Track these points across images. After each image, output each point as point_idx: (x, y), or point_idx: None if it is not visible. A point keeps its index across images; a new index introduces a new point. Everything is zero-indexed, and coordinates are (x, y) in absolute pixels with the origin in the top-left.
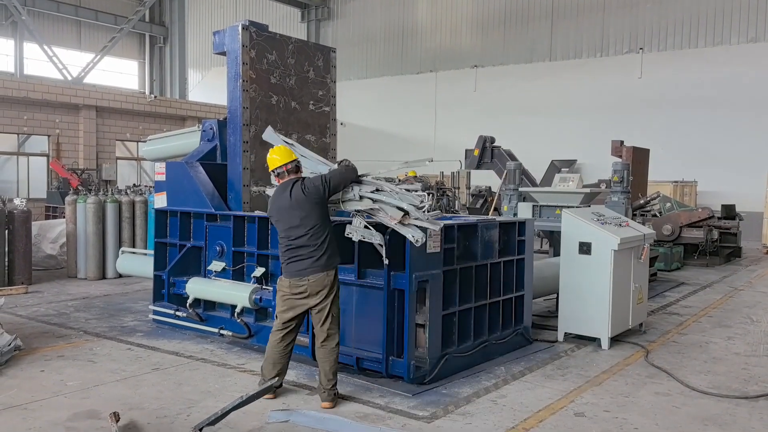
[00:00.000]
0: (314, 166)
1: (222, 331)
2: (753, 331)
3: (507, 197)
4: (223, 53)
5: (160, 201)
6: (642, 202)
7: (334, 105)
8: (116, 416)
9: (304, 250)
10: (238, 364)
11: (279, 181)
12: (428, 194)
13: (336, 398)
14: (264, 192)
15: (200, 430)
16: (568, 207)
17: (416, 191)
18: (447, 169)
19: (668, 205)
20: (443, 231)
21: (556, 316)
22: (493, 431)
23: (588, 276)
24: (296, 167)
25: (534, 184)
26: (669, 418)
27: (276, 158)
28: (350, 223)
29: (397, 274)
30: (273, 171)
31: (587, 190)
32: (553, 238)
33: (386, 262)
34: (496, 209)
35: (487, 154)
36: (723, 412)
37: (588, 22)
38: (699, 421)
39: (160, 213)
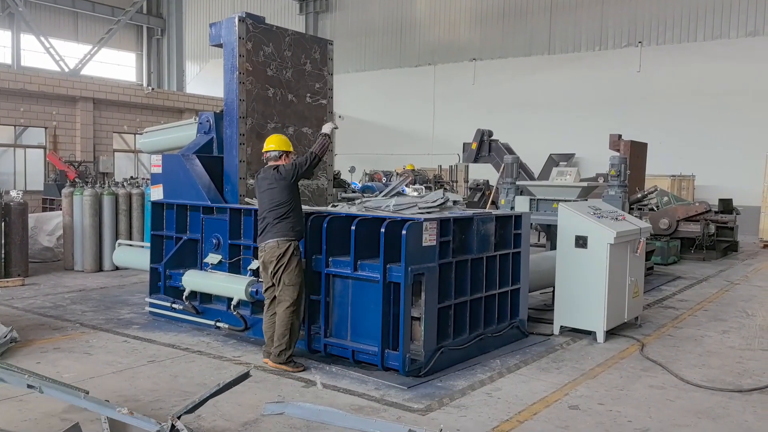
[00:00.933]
0: None
1: (218, 324)
2: (748, 324)
3: (504, 191)
4: (220, 45)
5: (156, 193)
6: (639, 196)
7: (331, 98)
8: None
9: (264, 223)
10: (234, 357)
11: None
12: (425, 188)
13: (280, 361)
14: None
15: (178, 418)
16: (565, 201)
17: None
18: (445, 162)
19: (665, 199)
20: (439, 224)
21: (552, 310)
22: (487, 424)
23: (584, 270)
24: (276, 156)
25: (531, 178)
26: (663, 411)
27: (270, 145)
28: None
29: (393, 267)
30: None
31: (584, 183)
32: (550, 231)
33: None
34: (493, 203)
35: (484, 147)
36: (716, 405)
37: (587, 15)
38: (692, 414)
39: (157, 205)
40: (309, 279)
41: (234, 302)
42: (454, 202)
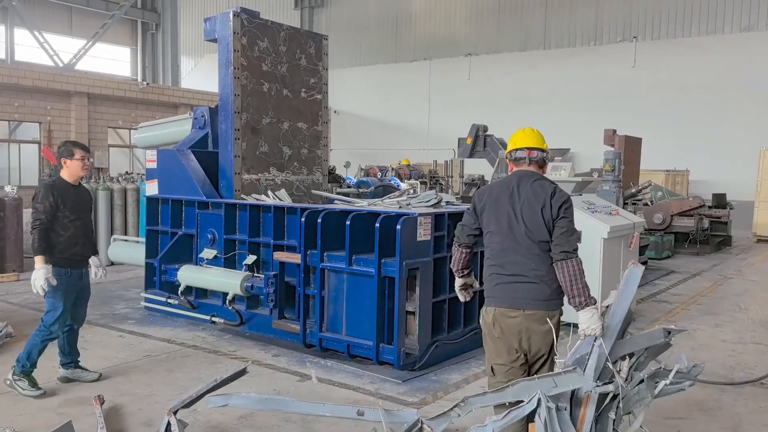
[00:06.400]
0: None
1: (214, 319)
2: (741, 318)
3: None
4: (214, 40)
5: (151, 189)
6: (633, 190)
7: (326, 92)
8: (101, 399)
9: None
10: (230, 351)
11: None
12: (420, 183)
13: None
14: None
15: (175, 413)
16: None
17: None
18: (440, 157)
19: (659, 193)
20: (434, 219)
21: None
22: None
23: None
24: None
25: None
26: (655, 404)
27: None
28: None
29: (388, 262)
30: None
31: (579, 178)
32: None
33: None
34: None
35: (479, 142)
36: (708, 398)
37: (582, 10)
38: (684, 407)
39: (152, 201)
40: (304, 273)
41: (229, 297)
42: (447, 203)
